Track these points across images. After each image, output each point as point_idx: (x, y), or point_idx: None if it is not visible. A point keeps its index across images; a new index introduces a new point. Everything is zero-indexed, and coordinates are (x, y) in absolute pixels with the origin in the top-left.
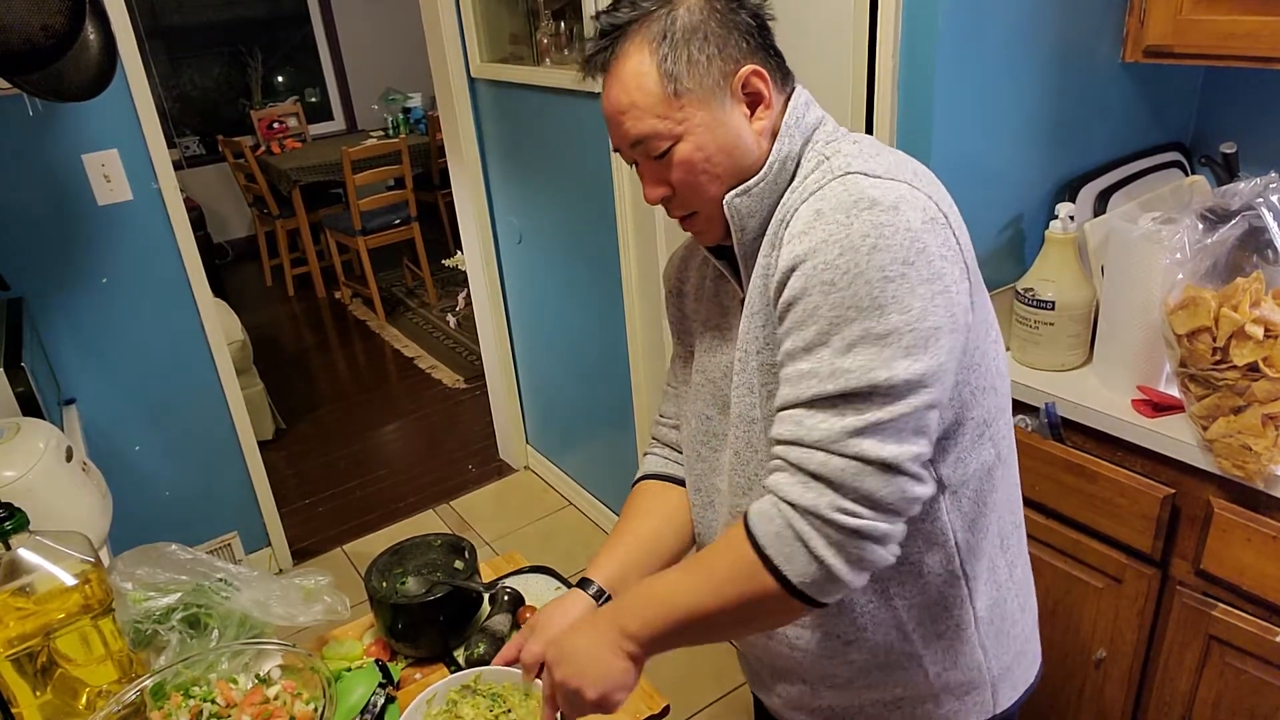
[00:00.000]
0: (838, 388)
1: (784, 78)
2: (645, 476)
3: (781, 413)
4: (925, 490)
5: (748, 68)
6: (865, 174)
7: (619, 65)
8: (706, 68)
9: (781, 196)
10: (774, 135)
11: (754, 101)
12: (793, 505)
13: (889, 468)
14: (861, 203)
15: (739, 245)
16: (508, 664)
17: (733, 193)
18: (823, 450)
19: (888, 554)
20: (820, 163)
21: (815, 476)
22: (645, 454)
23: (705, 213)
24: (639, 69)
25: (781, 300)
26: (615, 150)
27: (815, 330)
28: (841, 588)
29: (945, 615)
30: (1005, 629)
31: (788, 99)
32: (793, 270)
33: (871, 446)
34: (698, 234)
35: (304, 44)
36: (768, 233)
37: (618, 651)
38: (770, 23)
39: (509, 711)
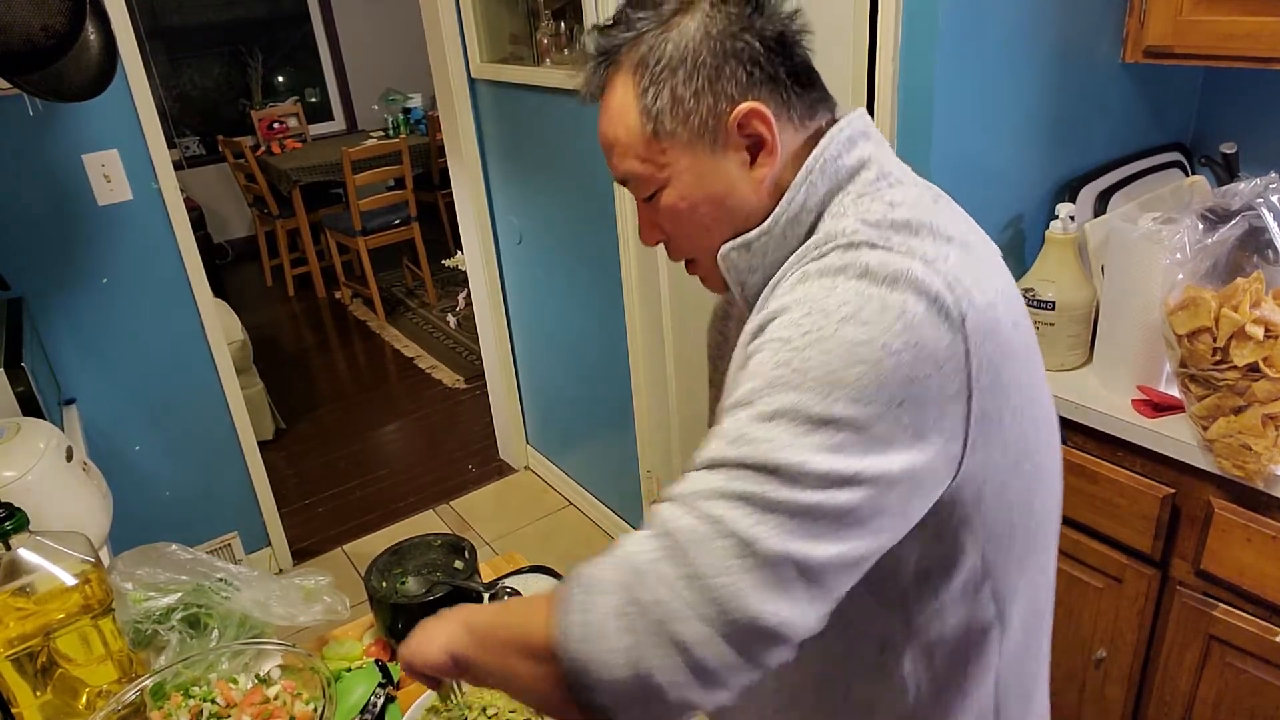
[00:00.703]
0: (737, 455)
1: (809, 110)
2: None
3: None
4: (774, 612)
5: (745, 106)
6: (874, 245)
7: (608, 95)
8: (693, 106)
9: (794, 253)
10: (787, 181)
11: (756, 146)
12: (620, 554)
13: (746, 550)
14: (852, 269)
15: (741, 301)
16: None
17: (728, 245)
18: (685, 503)
19: (681, 682)
20: (836, 222)
21: (662, 531)
22: None
23: (703, 262)
24: (623, 103)
25: (745, 359)
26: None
27: (747, 389)
28: (596, 677)
29: None
30: None
31: (818, 134)
32: (760, 329)
33: (736, 516)
34: (703, 281)
35: (304, 44)
36: (763, 304)
37: (442, 633)
38: (798, 40)
39: (515, 711)
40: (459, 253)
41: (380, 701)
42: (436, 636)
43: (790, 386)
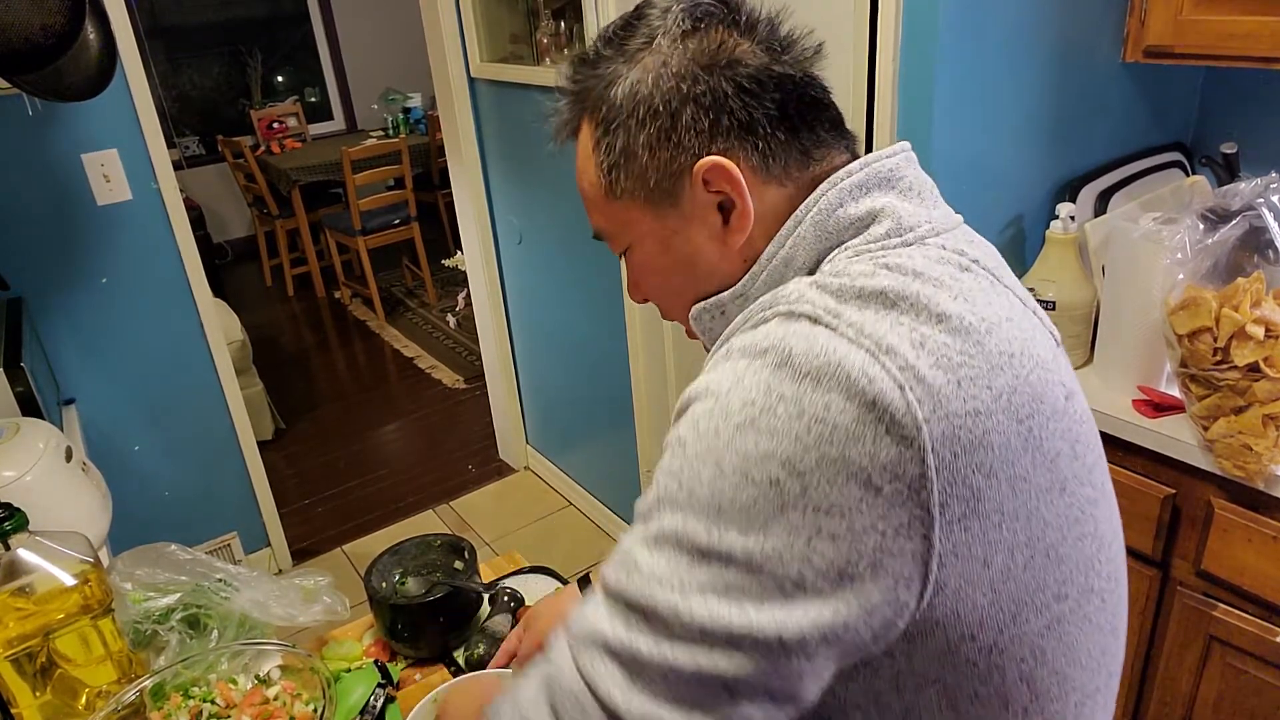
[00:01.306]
0: (619, 586)
1: (800, 159)
2: None
3: None
4: None
5: (706, 161)
6: (817, 320)
7: (580, 138)
8: (648, 161)
9: None
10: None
11: (729, 204)
12: (521, 683)
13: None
14: (772, 353)
15: None
16: (508, 659)
17: (700, 306)
18: (571, 642)
19: None
20: (813, 282)
21: (546, 673)
22: None
23: (683, 323)
24: (585, 153)
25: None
26: None
27: (650, 497)
28: None
29: None
30: None
31: (818, 181)
32: (677, 416)
33: (608, 676)
34: (687, 333)
35: (304, 44)
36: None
37: None
38: (792, 74)
39: None
40: (459, 253)
41: (380, 702)
42: None
43: (678, 505)
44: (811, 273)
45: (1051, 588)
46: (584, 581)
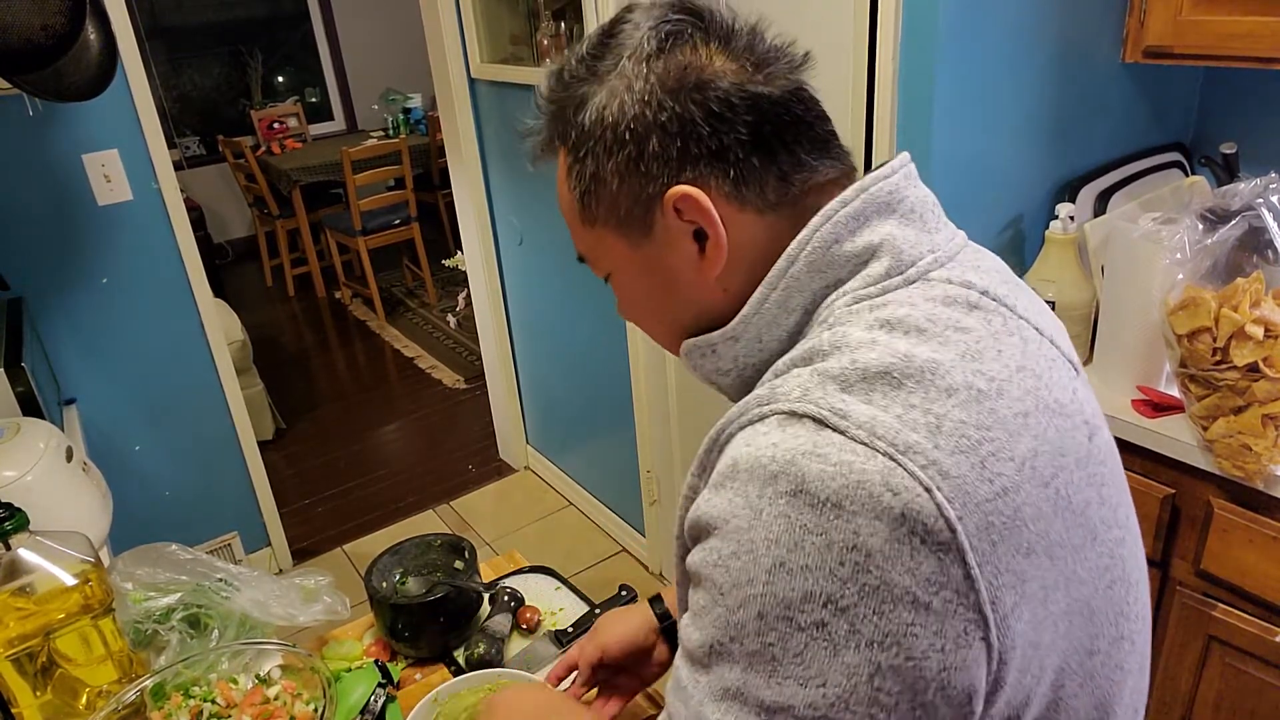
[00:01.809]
0: None
1: (779, 185)
2: None
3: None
4: None
5: (677, 189)
6: (823, 422)
7: (558, 158)
8: (616, 187)
9: (776, 358)
10: (758, 274)
11: (704, 233)
12: None
13: None
14: (784, 479)
15: (724, 394)
16: (568, 669)
17: (690, 344)
18: None
19: None
20: (812, 347)
21: None
22: None
23: (666, 348)
24: (561, 175)
25: (687, 561)
26: None
27: (699, 639)
28: None
29: None
30: None
31: (807, 210)
32: (695, 537)
33: None
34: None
35: (304, 44)
36: (714, 445)
37: None
38: (771, 93)
39: None
40: (459, 253)
41: (380, 702)
42: None
43: (732, 658)
44: (810, 314)
45: (1085, 644)
46: (655, 600)
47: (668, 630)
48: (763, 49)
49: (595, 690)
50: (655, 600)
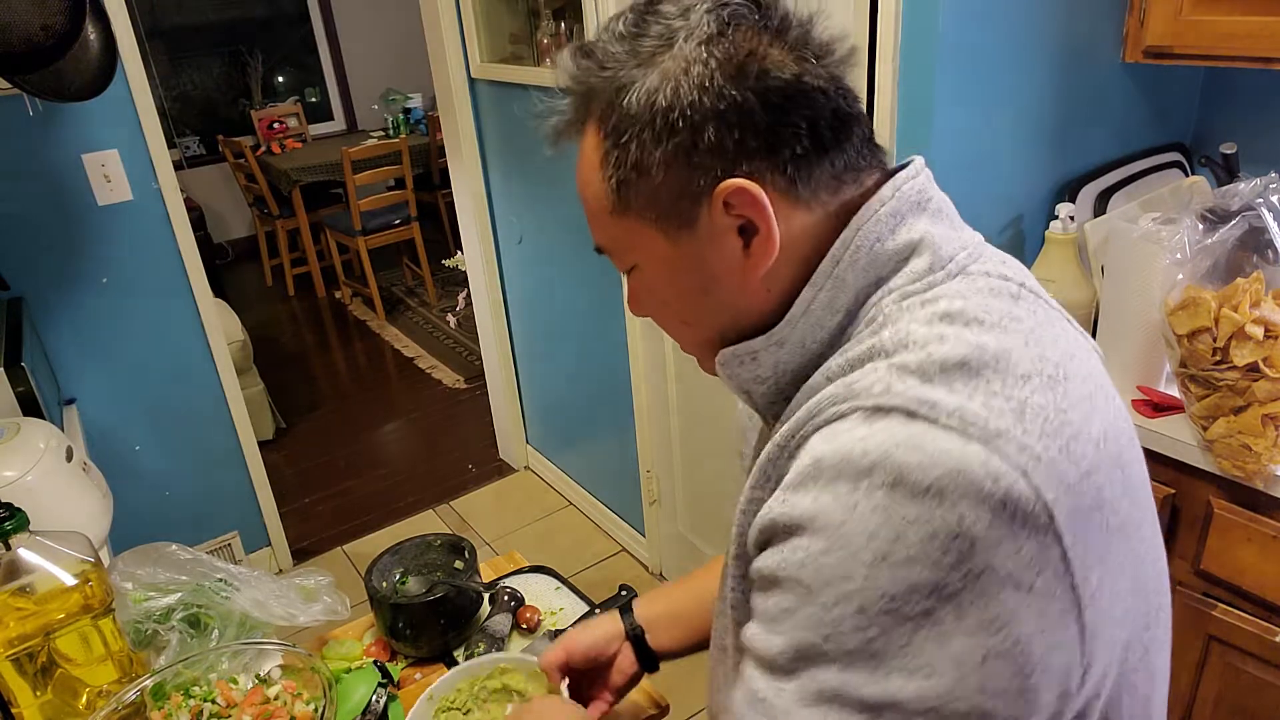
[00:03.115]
0: None
1: (833, 181)
2: None
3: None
4: None
5: (729, 184)
6: (912, 414)
7: (582, 142)
8: (661, 179)
9: (820, 360)
10: (801, 272)
11: (750, 228)
12: None
13: None
14: (880, 471)
15: (750, 405)
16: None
17: (729, 352)
18: None
19: None
20: (870, 347)
21: None
22: None
23: (690, 352)
24: (590, 161)
25: (754, 568)
26: None
27: (781, 645)
28: None
29: None
30: None
31: (852, 206)
32: (770, 539)
33: None
34: (699, 363)
35: (304, 44)
36: (766, 450)
37: None
38: (827, 84)
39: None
40: (459, 253)
41: (382, 702)
42: None
43: (828, 659)
44: (853, 314)
45: (1142, 620)
46: (626, 611)
47: (636, 640)
48: (817, 41)
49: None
50: (625, 611)
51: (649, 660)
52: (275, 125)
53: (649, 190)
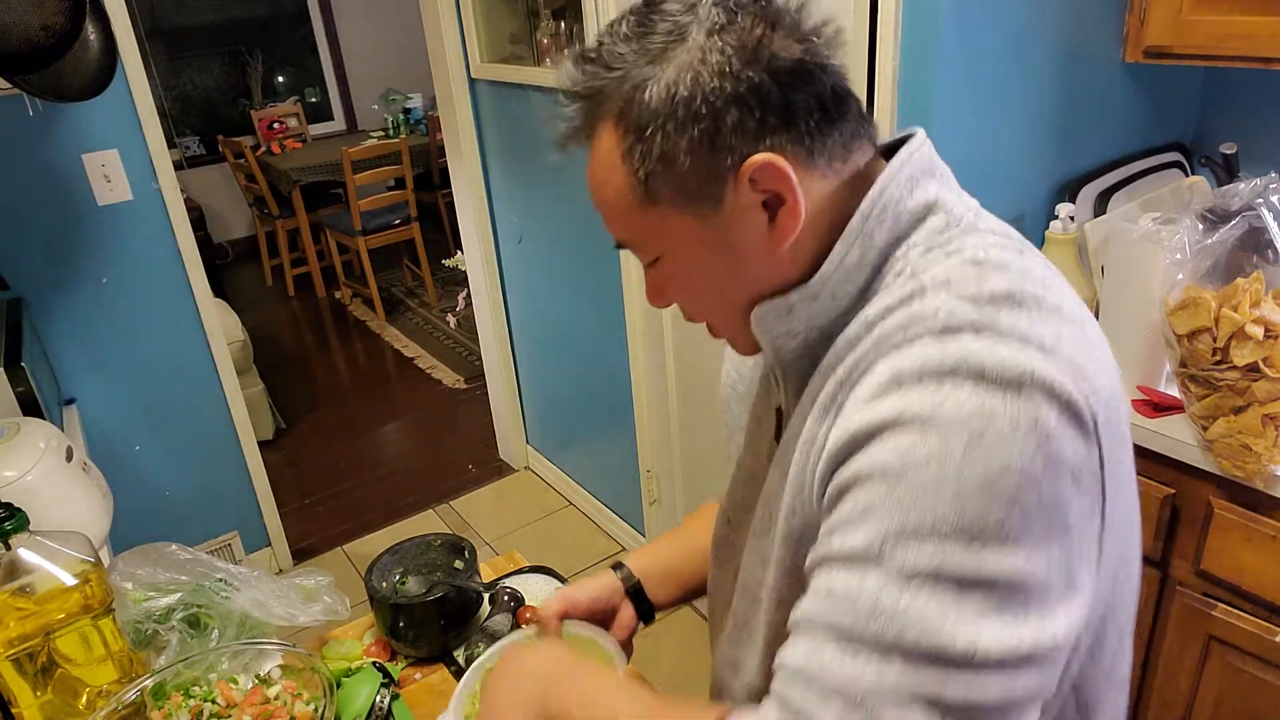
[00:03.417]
0: (882, 633)
1: (841, 149)
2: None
3: (797, 631)
4: None
5: (756, 159)
6: (979, 330)
7: (595, 144)
8: (689, 164)
9: (847, 317)
10: (823, 239)
11: (774, 201)
12: None
13: None
14: (963, 370)
15: (777, 364)
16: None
17: (765, 306)
18: (844, 698)
19: None
20: (911, 290)
21: None
22: None
23: (724, 330)
24: (607, 159)
25: (831, 486)
26: None
27: (866, 537)
28: None
29: None
30: None
31: (859, 174)
32: (850, 452)
33: None
34: (730, 344)
35: (304, 44)
36: (825, 388)
37: (523, 715)
38: (826, 61)
39: None
40: (459, 253)
41: (387, 701)
42: (514, 714)
43: (921, 535)
44: (878, 269)
45: (1131, 551)
46: (617, 566)
47: (634, 593)
48: (809, 25)
49: None
50: (618, 567)
51: (646, 614)
52: (275, 125)
53: (677, 178)
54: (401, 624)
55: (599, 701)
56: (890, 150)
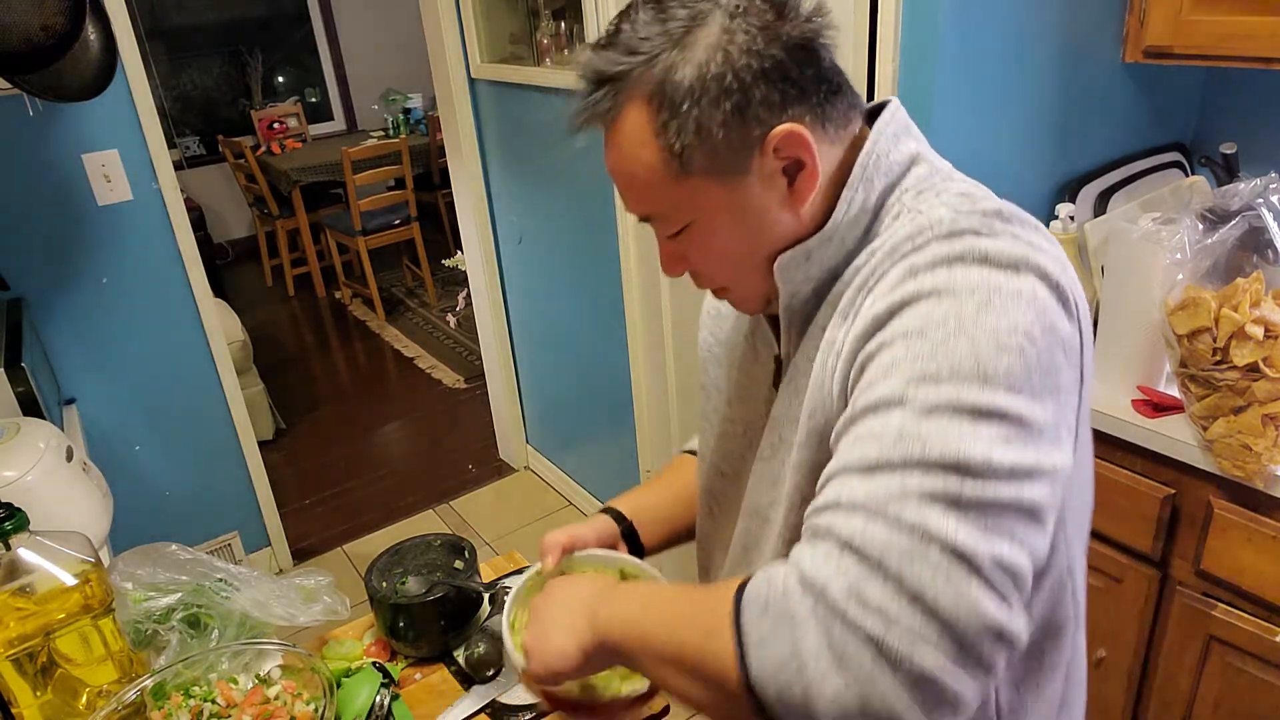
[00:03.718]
0: (907, 454)
1: (844, 119)
2: (689, 451)
3: (823, 483)
4: (1006, 620)
5: (782, 129)
6: (979, 232)
7: (616, 125)
8: (721, 137)
9: (851, 258)
10: (829, 196)
11: (794, 167)
12: (800, 577)
13: (959, 557)
14: (970, 256)
15: (785, 310)
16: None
17: (788, 255)
18: (866, 511)
19: (918, 710)
20: (913, 218)
21: (846, 546)
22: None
23: (737, 289)
24: (636, 137)
25: (855, 365)
26: None
27: (888, 388)
28: (814, 714)
29: None
30: None
31: (856, 141)
32: (873, 330)
33: (939, 520)
34: (735, 305)
35: (304, 44)
36: (841, 302)
37: (573, 633)
38: (824, 41)
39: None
40: (459, 253)
41: (387, 701)
42: (557, 637)
43: (940, 379)
44: (876, 213)
45: (1088, 475)
46: (607, 510)
47: (629, 535)
48: (807, 8)
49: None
50: (609, 511)
51: (637, 556)
52: (275, 125)
53: (710, 149)
54: (401, 624)
55: (644, 600)
56: (869, 117)
